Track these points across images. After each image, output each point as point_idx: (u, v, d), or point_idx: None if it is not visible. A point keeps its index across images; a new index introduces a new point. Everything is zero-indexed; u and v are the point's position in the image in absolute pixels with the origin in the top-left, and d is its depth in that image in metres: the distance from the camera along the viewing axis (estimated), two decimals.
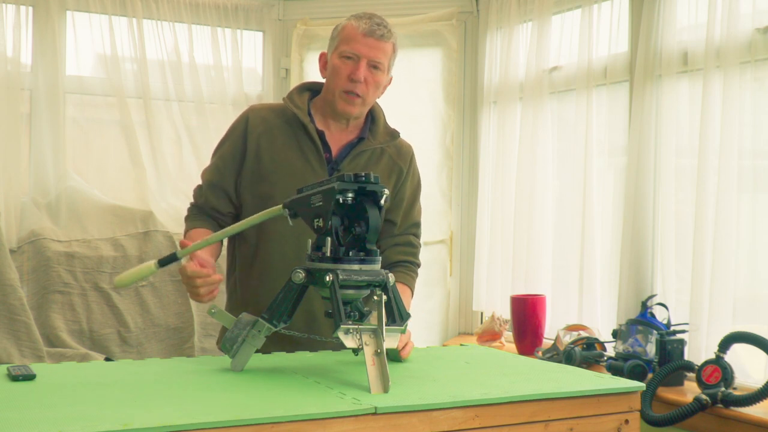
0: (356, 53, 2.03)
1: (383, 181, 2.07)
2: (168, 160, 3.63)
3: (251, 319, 1.66)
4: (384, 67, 2.06)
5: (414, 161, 2.21)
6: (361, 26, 2.04)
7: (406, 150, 2.20)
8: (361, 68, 2.03)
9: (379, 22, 2.06)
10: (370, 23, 2.05)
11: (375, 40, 2.03)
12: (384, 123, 2.18)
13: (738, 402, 2.25)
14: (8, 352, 2.96)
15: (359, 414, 1.33)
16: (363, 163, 2.11)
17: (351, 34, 2.05)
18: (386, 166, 2.14)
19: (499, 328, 3.35)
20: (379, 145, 2.12)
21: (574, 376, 1.69)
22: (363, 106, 2.08)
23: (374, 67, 2.05)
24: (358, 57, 2.03)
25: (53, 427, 1.18)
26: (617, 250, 2.99)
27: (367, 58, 2.03)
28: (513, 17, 3.45)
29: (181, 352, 3.31)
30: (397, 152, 2.17)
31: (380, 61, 2.05)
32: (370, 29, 2.04)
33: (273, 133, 2.10)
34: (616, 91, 3.08)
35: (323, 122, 2.12)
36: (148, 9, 3.62)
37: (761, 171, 2.58)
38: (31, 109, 3.47)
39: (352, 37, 2.04)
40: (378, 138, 2.13)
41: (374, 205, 1.61)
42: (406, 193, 2.17)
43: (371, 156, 2.12)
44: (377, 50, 2.04)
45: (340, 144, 2.12)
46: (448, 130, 3.77)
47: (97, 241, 3.35)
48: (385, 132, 2.16)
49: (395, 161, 2.15)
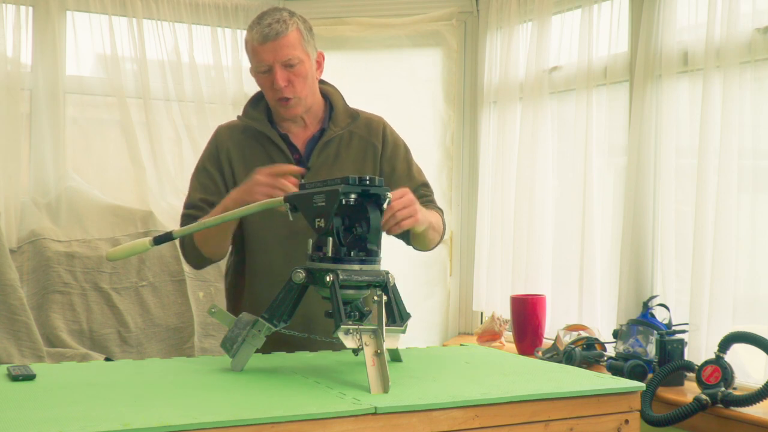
0: (265, 63, 2.03)
1: (358, 163, 2.09)
2: (168, 160, 3.63)
3: (251, 318, 1.66)
4: (299, 59, 2.04)
5: (389, 131, 2.20)
6: (255, 37, 2.03)
7: (377, 124, 2.18)
8: (277, 75, 2.02)
9: (269, 21, 2.03)
10: (260, 28, 2.02)
11: (272, 41, 2.01)
12: (343, 107, 2.17)
13: (738, 402, 2.25)
14: (8, 352, 2.96)
15: (359, 414, 1.33)
16: (333, 152, 2.12)
17: (252, 47, 2.05)
18: (358, 148, 2.14)
19: (499, 328, 3.35)
20: (341, 131, 2.12)
21: (574, 376, 1.69)
22: (301, 102, 2.08)
23: (289, 65, 2.03)
24: (269, 66, 2.03)
25: (53, 427, 1.18)
26: (617, 250, 2.99)
27: (278, 62, 2.02)
28: (513, 17, 3.45)
29: (181, 352, 3.31)
30: (367, 130, 2.16)
31: (290, 57, 2.03)
32: (263, 34, 2.01)
33: (241, 148, 2.13)
34: (616, 91, 3.08)
35: (284, 126, 2.15)
36: (148, 9, 3.62)
37: (761, 171, 2.58)
38: (31, 109, 3.46)
39: (254, 49, 2.04)
40: (339, 123, 2.13)
41: (376, 206, 1.61)
42: (395, 162, 2.16)
43: (340, 142, 2.13)
44: (280, 49, 2.02)
45: (304, 141, 2.14)
46: (448, 130, 3.77)
47: (97, 241, 3.35)
48: (346, 114, 2.16)
49: (367, 139, 2.15)
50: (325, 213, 1.59)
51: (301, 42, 2.05)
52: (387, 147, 2.17)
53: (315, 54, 2.11)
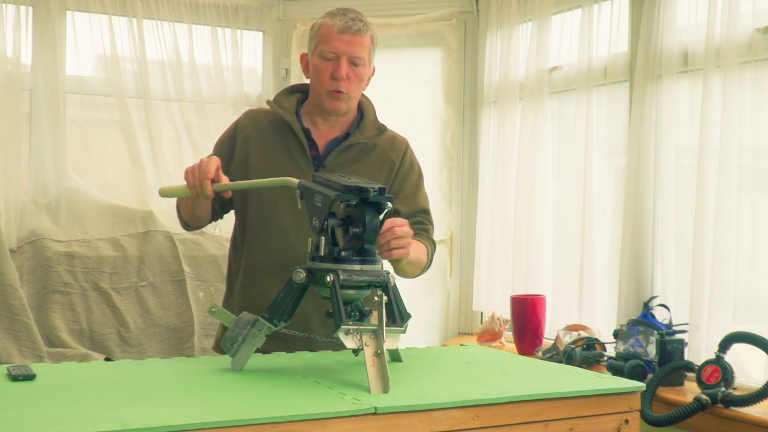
0: (335, 51, 2.06)
1: (373, 173, 2.11)
2: (168, 160, 3.63)
3: (251, 318, 1.66)
4: (364, 62, 2.09)
5: (409, 152, 2.23)
6: (336, 24, 2.05)
7: (400, 143, 2.22)
8: (342, 66, 2.05)
9: (354, 17, 2.07)
10: (345, 19, 2.06)
11: (352, 35, 2.05)
12: (373, 119, 2.20)
13: (738, 402, 2.25)
14: (8, 352, 2.96)
15: (359, 414, 1.33)
16: (352, 156, 2.14)
17: (328, 32, 2.07)
18: (377, 159, 2.16)
19: (499, 328, 3.35)
20: (365, 139, 2.15)
21: (574, 376, 1.69)
22: (349, 101, 2.11)
23: (354, 63, 2.07)
24: (338, 55, 2.06)
25: (53, 427, 1.18)
26: (617, 250, 2.99)
27: (347, 55, 2.06)
28: (513, 17, 3.45)
29: (181, 352, 3.31)
30: (390, 145, 2.19)
31: (360, 56, 2.07)
32: (346, 25, 2.05)
33: (262, 134, 2.16)
34: (616, 91, 3.08)
35: (310, 120, 2.17)
36: (148, 9, 3.62)
37: (761, 171, 2.58)
38: (31, 109, 3.46)
39: (329, 35, 2.06)
40: (365, 133, 2.16)
41: (373, 210, 1.61)
42: (405, 183, 2.19)
43: (362, 150, 2.15)
44: (355, 45, 2.06)
45: (327, 140, 2.16)
46: (448, 130, 3.77)
47: (97, 241, 3.35)
48: (374, 127, 2.18)
49: (387, 154, 2.18)
50: (319, 214, 1.60)
51: (371, 48, 2.11)
52: (404, 166, 2.20)
53: (372, 66, 2.16)
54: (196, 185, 1.91)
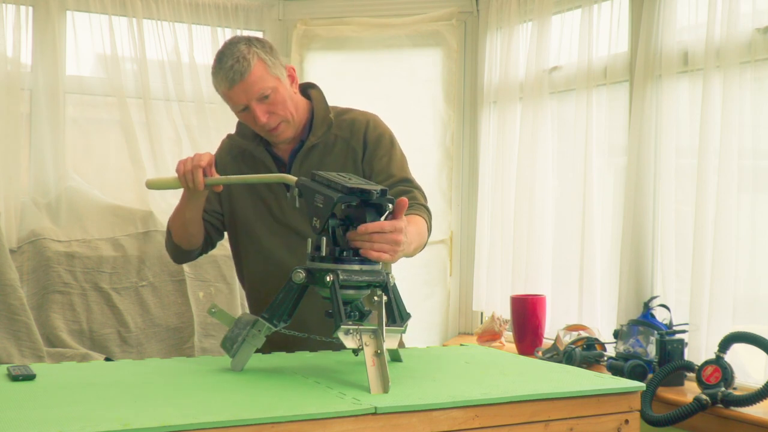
0: (241, 104, 2.02)
1: (339, 169, 2.07)
2: (168, 160, 3.63)
3: (251, 318, 1.66)
4: (271, 88, 2.01)
5: (369, 128, 2.13)
6: (221, 84, 2.01)
7: (359, 125, 2.13)
8: (256, 112, 2.01)
9: (231, 64, 1.98)
10: (223, 73, 1.99)
11: (240, 84, 1.98)
12: (323, 116, 2.13)
13: (738, 402, 2.25)
14: (8, 352, 2.95)
15: (359, 414, 1.33)
16: (315, 160, 2.10)
17: (223, 93, 2.03)
18: (340, 153, 2.11)
19: (499, 328, 3.35)
20: (317, 140, 2.11)
21: (574, 376, 1.69)
22: (289, 125, 2.07)
23: (264, 97, 2.01)
24: (245, 105, 2.02)
25: (53, 427, 1.18)
26: (617, 250, 2.99)
27: (252, 100, 2.00)
28: (513, 17, 3.45)
29: (181, 352, 3.31)
30: (350, 132, 2.13)
31: (262, 91, 2.00)
32: (229, 80, 1.98)
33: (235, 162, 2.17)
34: (616, 91, 3.08)
35: None
36: (148, 9, 3.62)
37: (761, 171, 2.58)
38: (31, 109, 3.46)
39: (226, 95, 2.03)
40: (317, 133, 2.11)
41: (376, 213, 1.61)
42: (373, 161, 2.11)
43: (324, 149, 2.12)
44: (251, 88, 1.99)
45: (288, 152, 2.14)
46: (448, 130, 3.77)
47: (97, 241, 3.35)
48: (324, 123, 2.12)
49: (348, 143, 2.12)
50: (320, 215, 1.60)
51: (267, 70, 2.00)
52: (367, 148, 2.11)
53: (284, 72, 2.06)
54: (187, 173, 1.89)
